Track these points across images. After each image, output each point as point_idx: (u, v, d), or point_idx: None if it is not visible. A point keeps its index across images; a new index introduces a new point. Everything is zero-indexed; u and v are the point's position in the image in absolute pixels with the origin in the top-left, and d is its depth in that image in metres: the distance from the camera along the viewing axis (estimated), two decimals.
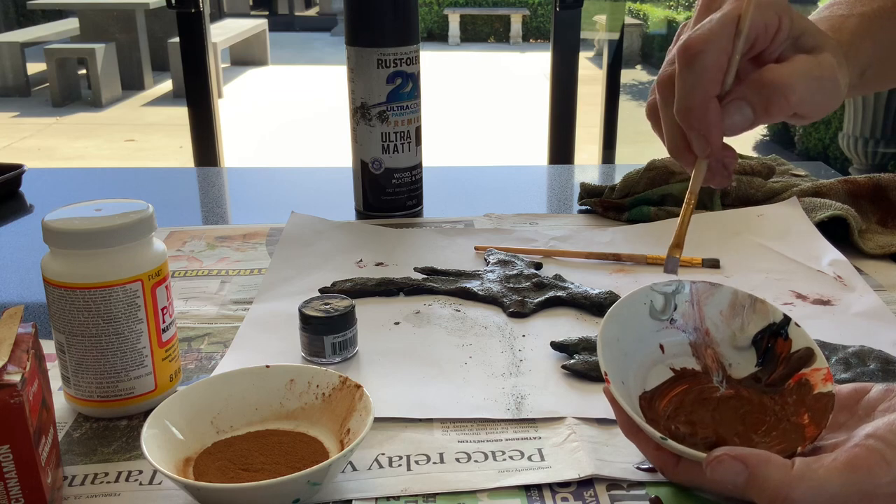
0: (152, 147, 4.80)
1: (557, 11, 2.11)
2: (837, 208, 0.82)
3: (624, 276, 0.77)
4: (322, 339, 0.61)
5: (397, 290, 0.73)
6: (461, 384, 0.59)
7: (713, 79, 0.47)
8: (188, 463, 0.49)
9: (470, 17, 9.10)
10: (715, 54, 0.47)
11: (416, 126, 0.89)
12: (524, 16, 9.02)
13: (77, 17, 6.13)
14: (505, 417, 0.55)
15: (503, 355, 0.63)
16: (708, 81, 0.47)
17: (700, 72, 0.47)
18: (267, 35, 7.38)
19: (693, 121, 0.48)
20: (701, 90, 0.47)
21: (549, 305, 0.71)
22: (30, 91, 6.04)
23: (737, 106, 0.48)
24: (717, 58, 0.47)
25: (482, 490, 0.49)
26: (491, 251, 0.80)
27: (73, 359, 0.54)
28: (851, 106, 2.91)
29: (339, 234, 0.85)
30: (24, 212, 0.98)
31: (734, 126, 0.48)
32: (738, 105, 0.48)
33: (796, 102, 0.47)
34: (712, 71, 0.47)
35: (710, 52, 0.47)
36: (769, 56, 0.49)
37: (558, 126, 2.17)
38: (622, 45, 2.61)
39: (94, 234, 0.52)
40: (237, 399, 0.53)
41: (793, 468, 0.42)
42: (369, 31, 0.86)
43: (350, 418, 0.51)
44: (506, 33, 9.03)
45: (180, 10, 2.14)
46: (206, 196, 1.06)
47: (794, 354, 0.48)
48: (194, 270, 0.79)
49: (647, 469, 0.49)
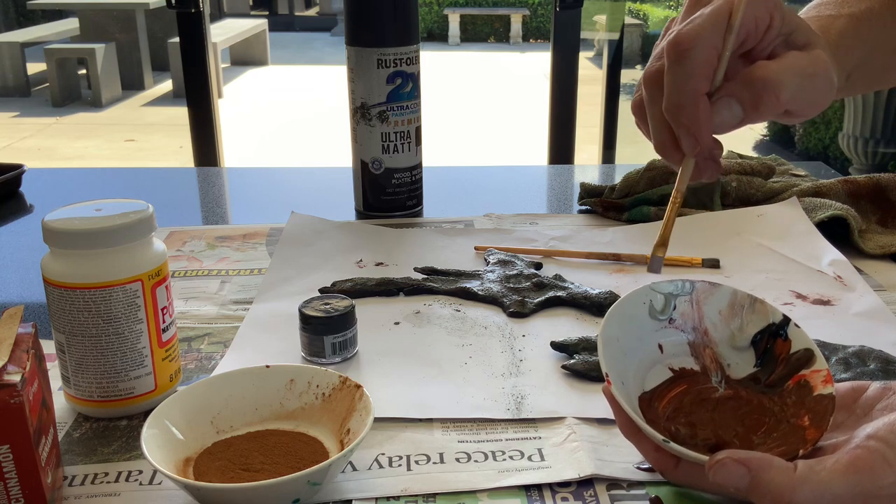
0: (152, 147, 4.80)
1: (557, 11, 2.12)
2: (837, 208, 0.82)
3: (624, 276, 0.77)
4: (322, 339, 0.61)
5: (397, 290, 0.73)
6: (461, 384, 0.59)
7: (703, 75, 0.46)
8: (188, 463, 0.49)
9: (470, 17, 9.10)
10: (705, 50, 0.46)
11: (416, 126, 0.89)
12: (524, 16, 9.02)
13: (77, 17, 6.13)
14: (505, 417, 0.55)
15: (503, 355, 0.63)
16: (698, 78, 0.46)
17: (690, 68, 0.46)
18: (267, 35, 7.38)
19: (682, 118, 0.47)
20: (691, 87, 0.46)
21: (549, 305, 0.71)
22: (30, 91, 6.04)
23: (726, 103, 0.47)
24: (707, 54, 0.46)
25: (482, 490, 0.49)
26: (491, 251, 0.80)
27: (73, 359, 0.54)
28: (851, 106, 2.91)
29: (339, 234, 0.85)
30: (24, 212, 0.98)
31: (723, 123, 0.47)
32: (727, 102, 0.47)
33: (787, 99, 0.46)
34: (702, 67, 0.46)
35: (699, 48, 0.46)
36: (760, 53, 0.48)
37: (558, 126, 2.17)
38: (622, 45, 2.61)
39: (94, 234, 0.52)
40: (237, 399, 0.53)
41: (795, 471, 0.42)
42: (369, 31, 0.86)
43: (350, 418, 0.51)
44: (506, 33, 9.03)
45: (180, 10, 2.14)
46: (206, 196, 1.06)
47: (793, 355, 0.48)
48: (194, 270, 0.79)
49: (646, 469, 0.49)
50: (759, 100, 0.46)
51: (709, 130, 0.47)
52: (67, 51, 5.72)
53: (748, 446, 0.46)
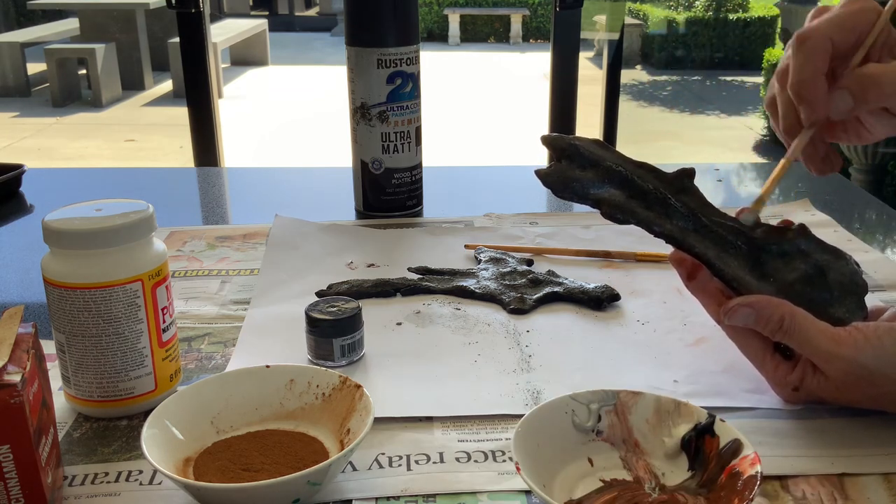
0: (152, 147, 4.80)
1: (557, 11, 2.11)
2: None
3: (614, 271, 0.78)
4: (331, 341, 0.61)
5: (394, 290, 0.73)
6: (475, 381, 0.60)
7: (820, 57, 0.56)
8: (188, 463, 0.49)
9: (470, 17, 9.10)
10: (820, 38, 0.57)
11: (416, 126, 0.90)
12: (524, 16, 9.02)
13: (77, 17, 6.13)
14: (525, 413, 0.55)
15: (511, 352, 0.64)
16: (816, 58, 0.56)
17: (808, 51, 0.57)
18: (267, 35, 7.38)
19: (803, 92, 0.57)
20: (810, 65, 0.56)
21: (547, 301, 0.71)
22: (30, 91, 6.04)
23: (840, 93, 0.57)
24: (822, 41, 0.56)
25: (482, 491, 0.49)
26: (481, 249, 0.80)
27: (73, 359, 0.54)
28: None
29: (325, 236, 0.85)
30: (24, 212, 0.98)
31: (838, 109, 0.57)
32: (841, 92, 0.57)
33: (889, 93, 0.56)
34: (819, 50, 0.57)
35: (815, 38, 0.57)
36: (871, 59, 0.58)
37: (558, 126, 2.17)
38: (622, 45, 2.61)
39: (94, 234, 0.52)
40: (237, 399, 0.53)
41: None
42: (369, 31, 0.86)
43: (350, 418, 0.51)
44: (506, 33, 9.04)
45: (180, 10, 2.14)
46: (206, 196, 1.06)
47: (722, 449, 0.48)
48: (194, 270, 0.79)
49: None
50: (865, 92, 0.56)
51: (825, 105, 0.57)
52: (67, 51, 5.72)
53: None
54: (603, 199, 0.58)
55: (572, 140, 0.59)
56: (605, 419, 0.51)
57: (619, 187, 0.58)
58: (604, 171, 0.58)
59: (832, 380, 0.52)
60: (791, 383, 0.54)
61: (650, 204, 0.58)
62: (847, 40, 0.57)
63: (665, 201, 0.58)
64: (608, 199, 0.58)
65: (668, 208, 0.58)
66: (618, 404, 0.51)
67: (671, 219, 0.57)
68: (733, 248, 0.57)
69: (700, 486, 0.47)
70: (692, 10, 7.08)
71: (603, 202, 0.58)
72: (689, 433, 0.49)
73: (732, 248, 0.57)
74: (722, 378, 0.59)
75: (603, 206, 0.58)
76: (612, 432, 0.51)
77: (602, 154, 0.59)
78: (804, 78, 0.57)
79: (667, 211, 0.58)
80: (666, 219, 0.57)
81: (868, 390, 0.52)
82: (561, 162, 0.59)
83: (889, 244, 0.87)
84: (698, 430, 0.49)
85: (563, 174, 0.59)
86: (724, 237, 0.57)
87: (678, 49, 7.03)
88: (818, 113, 0.57)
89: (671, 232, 0.57)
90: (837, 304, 0.55)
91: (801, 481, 0.49)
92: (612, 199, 0.58)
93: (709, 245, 0.57)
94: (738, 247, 0.57)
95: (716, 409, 0.53)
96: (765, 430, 0.54)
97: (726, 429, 0.48)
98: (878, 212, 0.97)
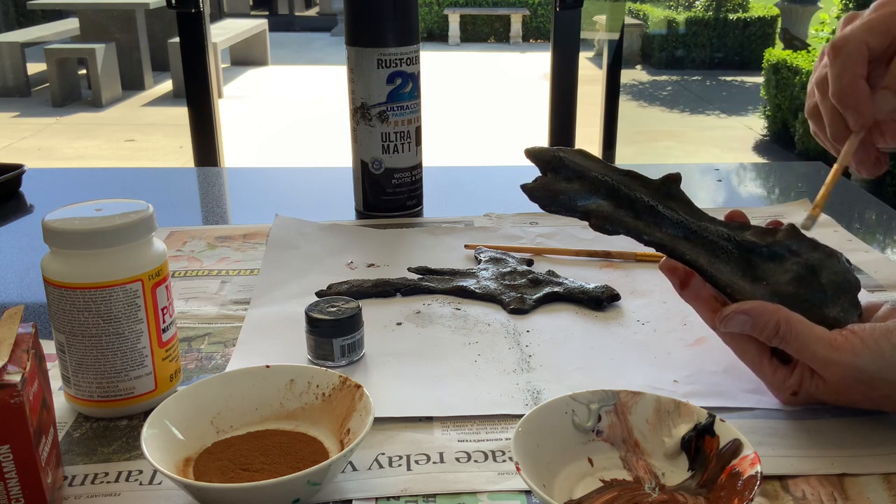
0: (152, 147, 4.80)
1: (557, 11, 2.11)
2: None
3: (614, 271, 0.78)
4: (331, 341, 0.61)
5: (394, 290, 0.73)
6: (475, 381, 0.60)
7: (858, 62, 0.58)
8: (188, 463, 0.49)
9: (470, 17, 9.10)
10: (856, 44, 0.58)
11: (416, 126, 0.90)
12: (524, 16, 9.01)
13: (77, 17, 6.12)
14: (525, 413, 0.55)
15: (511, 352, 0.64)
16: (854, 64, 0.58)
17: (846, 58, 0.58)
18: (267, 35, 7.38)
19: (846, 98, 0.58)
20: (849, 72, 0.58)
21: (547, 301, 0.71)
22: (30, 91, 6.04)
23: (882, 93, 0.58)
24: (858, 46, 0.58)
25: (482, 491, 0.49)
26: (481, 249, 0.80)
27: (73, 359, 0.54)
28: None
29: (325, 235, 0.85)
30: (24, 212, 0.98)
31: (882, 110, 0.59)
32: (883, 93, 0.58)
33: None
34: (856, 56, 0.58)
35: (850, 45, 0.58)
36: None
37: (558, 126, 2.17)
38: (622, 45, 2.60)
39: (94, 234, 0.52)
40: (237, 399, 0.53)
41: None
42: (369, 31, 0.86)
43: (350, 418, 0.51)
44: (506, 33, 9.03)
45: (180, 10, 2.14)
46: (206, 196, 1.06)
47: (722, 449, 0.48)
48: (194, 270, 0.79)
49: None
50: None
51: (870, 108, 0.58)
52: (67, 51, 5.72)
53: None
54: (591, 211, 0.58)
55: (556, 152, 0.59)
56: (605, 419, 0.51)
57: (607, 197, 0.58)
58: (590, 181, 0.58)
59: (830, 384, 0.52)
60: (789, 387, 0.54)
61: (639, 213, 0.58)
62: (882, 43, 0.58)
63: (654, 209, 0.58)
64: (596, 210, 0.58)
65: (657, 216, 0.58)
66: (618, 404, 0.51)
67: (661, 227, 0.57)
68: (724, 254, 0.57)
69: (700, 486, 0.47)
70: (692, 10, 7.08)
71: (591, 214, 0.58)
72: (689, 433, 0.49)
73: (723, 253, 0.57)
74: (722, 378, 0.59)
75: (592, 218, 0.58)
76: (612, 432, 0.51)
77: (587, 164, 0.59)
78: (845, 84, 0.58)
79: (656, 219, 0.58)
80: (655, 227, 0.57)
81: (867, 393, 0.52)
82: (546, 175, 0.59)
83: (889, 244, 0.87)
84: (698, 430, 0.49)
85: (549, 187, 0.59)
86: (714, 242, 0.57)
87: (678, 49, 7.03)
88: (865, 117, 0.58)
89: (661, 240, 0.57)
90: (832, 304, 0.55)
91: (801, 481, 0.49)
92: (601, 211, 0.58)
93: (700, 252, 0.57)
94: (728, 251, 0.57)
95: (716, 409, 0.53)
96: (765, 430, 0.54)
97: (726, 429, 0.48)
98: (878, 212, 0.97)
